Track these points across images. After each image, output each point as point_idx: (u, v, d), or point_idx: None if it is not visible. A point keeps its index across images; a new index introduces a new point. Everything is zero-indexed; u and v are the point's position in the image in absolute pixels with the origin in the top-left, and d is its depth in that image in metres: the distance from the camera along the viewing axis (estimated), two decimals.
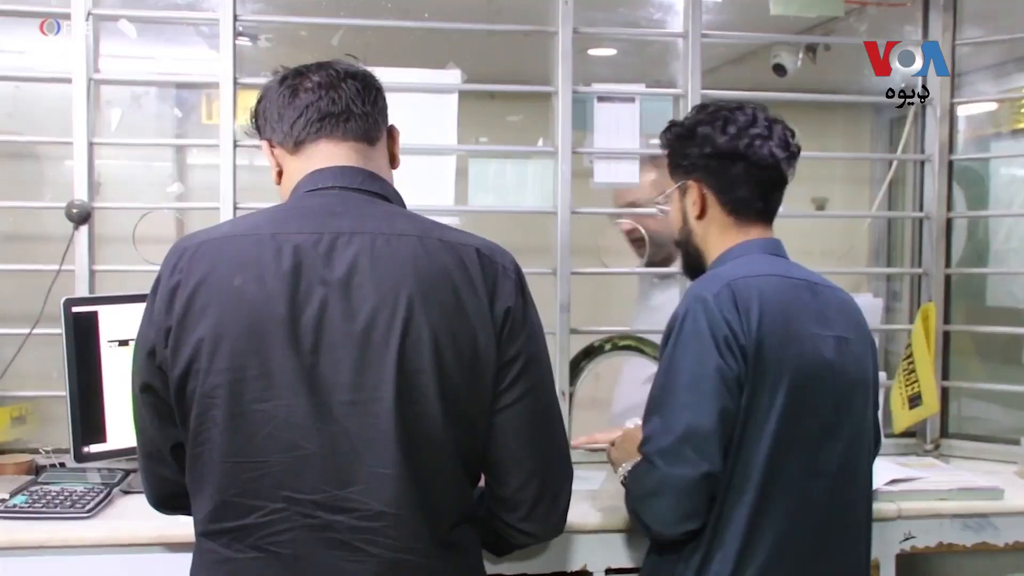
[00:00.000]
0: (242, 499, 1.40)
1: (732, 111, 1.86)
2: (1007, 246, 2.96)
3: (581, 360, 2.67)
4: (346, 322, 1.38)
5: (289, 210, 1.48)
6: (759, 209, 1.87)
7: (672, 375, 1.69)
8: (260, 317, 1.37)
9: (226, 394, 1.37)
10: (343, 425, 1.38)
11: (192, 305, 1.39)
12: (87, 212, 2.37)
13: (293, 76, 1.55)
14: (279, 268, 1.38)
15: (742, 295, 1.70)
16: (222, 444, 1.39)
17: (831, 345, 1.75)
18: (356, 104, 1.53)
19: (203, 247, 1.43)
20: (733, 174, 1.84)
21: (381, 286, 1.39)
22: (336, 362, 1.37)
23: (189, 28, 2.71)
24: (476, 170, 2.57)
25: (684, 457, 1.64)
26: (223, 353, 1.37)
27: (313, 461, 1.38)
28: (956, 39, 2.73)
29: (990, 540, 2.23)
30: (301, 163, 1.53)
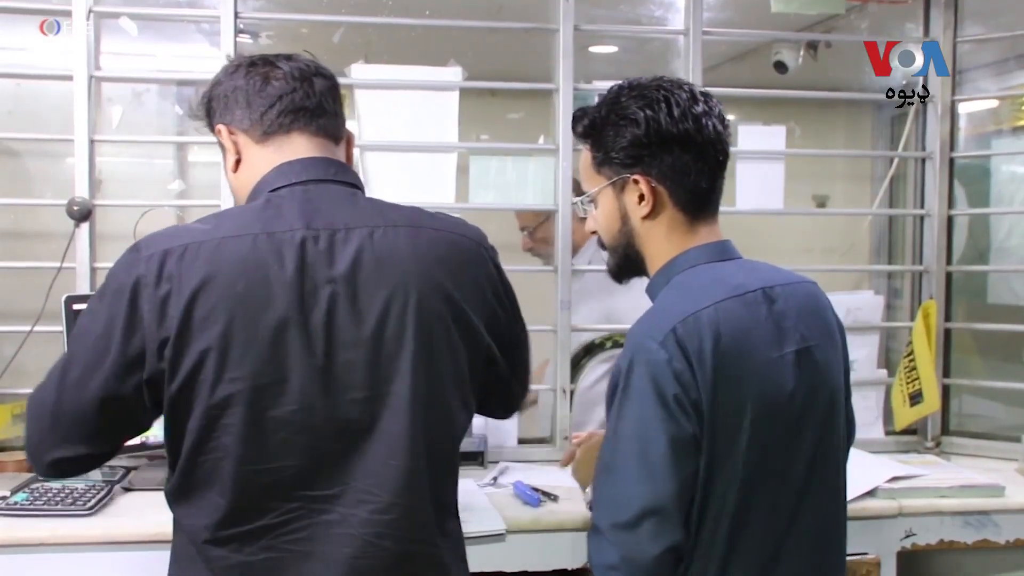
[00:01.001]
0: (256, 503, 1.37)
1: (669, 89, 1.58)
2: (1008, 243, 2.96)
3: (582, 357, 2.67)
4: (356, 320, 1.36)
5: (273, 208, 1.41)
6: (710, 200, 1.61)
7: (620, 442, 1.47)
8: (270, 322, 1.33)
9: (240, 403, 1.33)
10: (359, 422, 1.37)
11: (192, 314, 1.32)
12: (88, 209, 2.37)
13: (262, 64, 1.49)
14: (283, 270, 1.34)
15: (692, 340, 1.45)
16: (237, 452, 1.35)
17: (790, 365, 1.53)
18: (327, 101, 1.50)
19: (192, 250, 1.35)
20: (685, 163, 1.56)
21: (387, 280, 1.38)
22: (350, 361, 1.36)
23: (190, 25, 2.71)
24: (477, 167, 2.57)
25: (642, 534, 1.46)
26: (233, 362, 1.32)
27: (329, 460, 1.37)
28: (957, 36, 2.72)
29: (991, 537, 2.23)
30: (268, 153, 1.47)
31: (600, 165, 1.62)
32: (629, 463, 1.46)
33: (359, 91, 2.50)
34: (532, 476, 2.33)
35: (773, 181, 2.67)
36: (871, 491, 2.21)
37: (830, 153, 3.41)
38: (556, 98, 2.54)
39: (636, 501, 1.45)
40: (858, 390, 2.71)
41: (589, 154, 1.64)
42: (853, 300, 2.77)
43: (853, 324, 2.73)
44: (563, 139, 2.52)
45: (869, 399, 2.74)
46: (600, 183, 1.62)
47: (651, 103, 1.56)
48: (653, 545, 1.46)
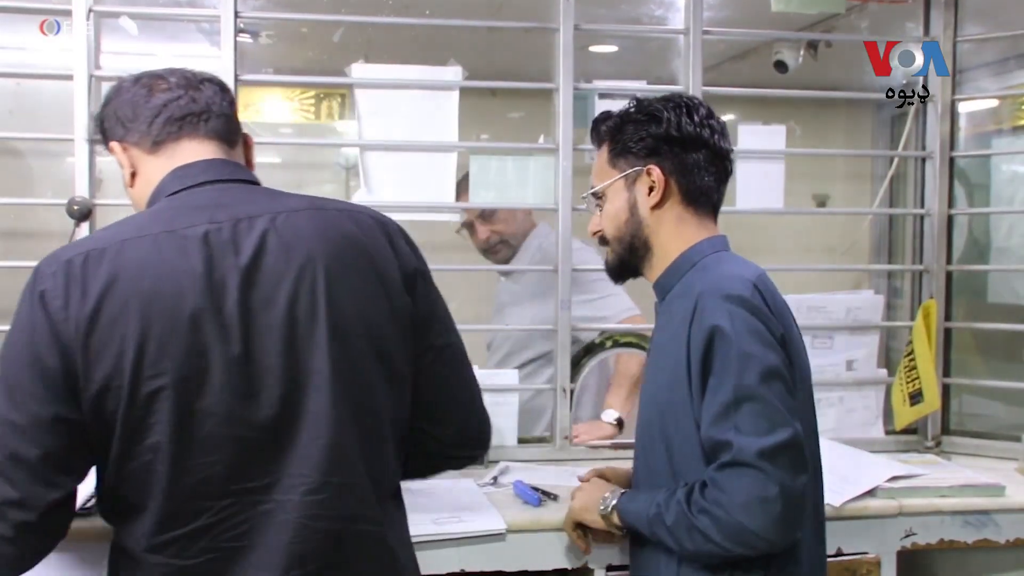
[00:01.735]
0: (189, 503, 1.35)
1: (691, 99, 1.77)
2: (1008, 243, 2.97)
3: (582, 357, 2.67)
4: (268, 304, 1.36)
5: (172, 209, 1.42)
6: (714, 202, 1.76)
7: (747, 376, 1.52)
8: (183, 316, 1.33)
9: (163, 400, 1.32)
10: (284, 407, 1.36)
11: (101, 317, 1.31)
12: (88, 209, 2.37)
13: (147, 77, 1.52)
14: (188, 263, 1.34)
15: (767, 295, 1.61)
16: (165, 452, 1.33)
17: (800, 339, 1.71)
18: (215, 104, 1.51)
19: (94, 256, 1.35)
20: (696, 161, 1.72)
21: (294, 262, 1.38)
22: (267, 346, 1.35)
23: (190, 25, 2.71)
24: (477, 167, 2.57)
25: (791, 462, 1.51)
26: (150, 360, 1.31)
27: (258, 448, 1.36)
28: (957, 36, 2.72)
29: (991, 537, 2.23)
30: (161, 162, 1.48)
31: (616, 157, 1.76)
32: (766, 397, 1.51)
33: (359, 90, 2.50)
34: (532, 476, 2.33)
35: (773, 180, 2.67)
36: (871, 490, 2.20)
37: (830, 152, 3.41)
38: (556, 97, 2.54)
39: (781, 429, 1.50)
40: (858, 389, 2.72)
41: (607, 149, 1.78)
42: (853, 299, 2.77)
43: (853, 323, 2.73)
44: (563, 138, 2.51)
45: (869, 398, 2.74)
46: (613, 176, 1.75)
47: (674, 105, 1.73)
48: (799, 474, 1.52)
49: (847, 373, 2.71)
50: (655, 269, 1.76)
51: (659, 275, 1.76)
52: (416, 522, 1.98)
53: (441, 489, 2.24)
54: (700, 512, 1.54)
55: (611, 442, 2.63)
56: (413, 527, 1.97)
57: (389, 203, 2.50)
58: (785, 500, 1.48)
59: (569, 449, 2.55)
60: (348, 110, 3.90)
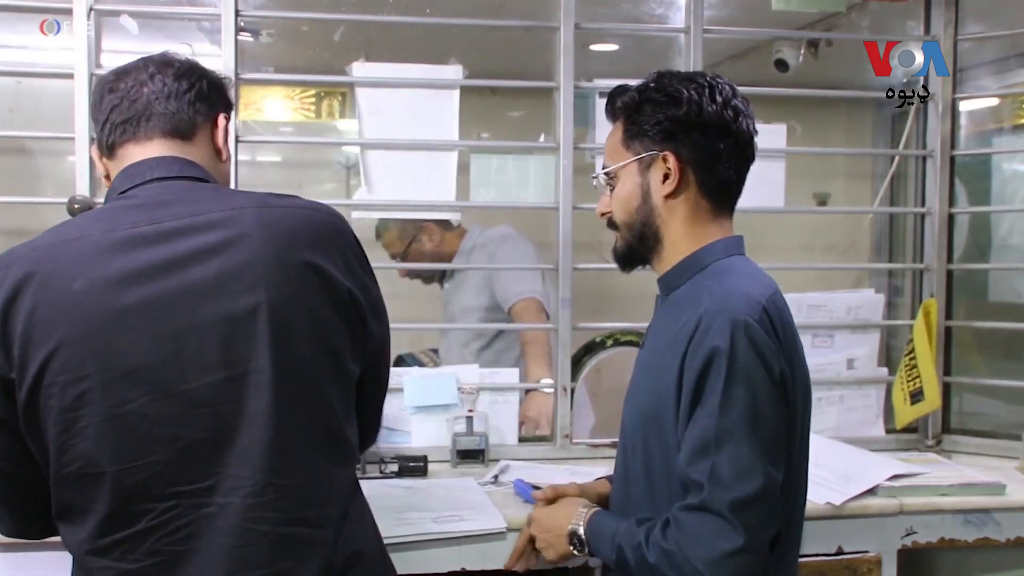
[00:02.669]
0: (130, 506, 1.33)
1: (714, 78, 1.63)
2: (1009, 241, 2.96)
3: (583, 356, 2.67)
4: (206, 302, 1.34)
5: (115, 209, 1.42)
6: (733, 195, 1.65)
7: (732, 414, 1.44)
8: (111, 317, 1.32)
9: (92, 402, 1.31)
10: (221, 405, 1.34)
11: (32, 319, 1.32)
12: (89, 207, 2.36)
13: (110, 78, 1.52)
14: (121, 264, 1.34)
15: (776, 320, 1.51)
16: (100, 453, 1.32)
17: (803, 357, 1.61)
18: (159, 103, 1.48)
19: (28, 258, 1.36)
20: (717, 151, 1.59)
21: (234, 259, 1.36)
22: (202, 344, 1.33)
23: (191, 24, 2.71)
24: (478, 166, 2.57)
25: (762, 514, 1.45)
26: (78, 361, 1.31)
27: (197, 449, 1.34)
28: (958, 34, 2.72)
29: (992, 536, 2.23)
30: (115, 167, 1.50)
31: (631, 139, 1.62)
32: (748, 438, 1.44)
33: (360, 89, 2.50)
34: (532, 474, 2.33)
35: (774, 179, 2.67)
36: (872, 489, 2.20)
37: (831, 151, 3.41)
38: (557, 96, 2.54)
39: (755, 476, 1.43)
40: (859, 388, 2.72)
41: (621, 128, 1.65)
42: (854, 298, 2.77)
43: (854, 322, 2.73)
44: (564, 137, 2.51)
45: (870, 397, 2.74)
46: (627, 158, 1.63)
47: (696, 86, 1.59)
48: (770, 528, 1.47)
49: (847, 372, 2.71)
50: (663, 262, 1.65)
51: (666, 270, 1.65)
52: (416, 521, 1.99)
53: (442, 488, 2.24)
54: (661, 554, 1.48)
55: (611, 440, 2.63)
56: (413, 526, 1.97)
57: (389, 202, 2.50)
58: (748, 555, 1.43)
59: (569, 448, 2.55)
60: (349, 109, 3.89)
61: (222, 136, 1.56)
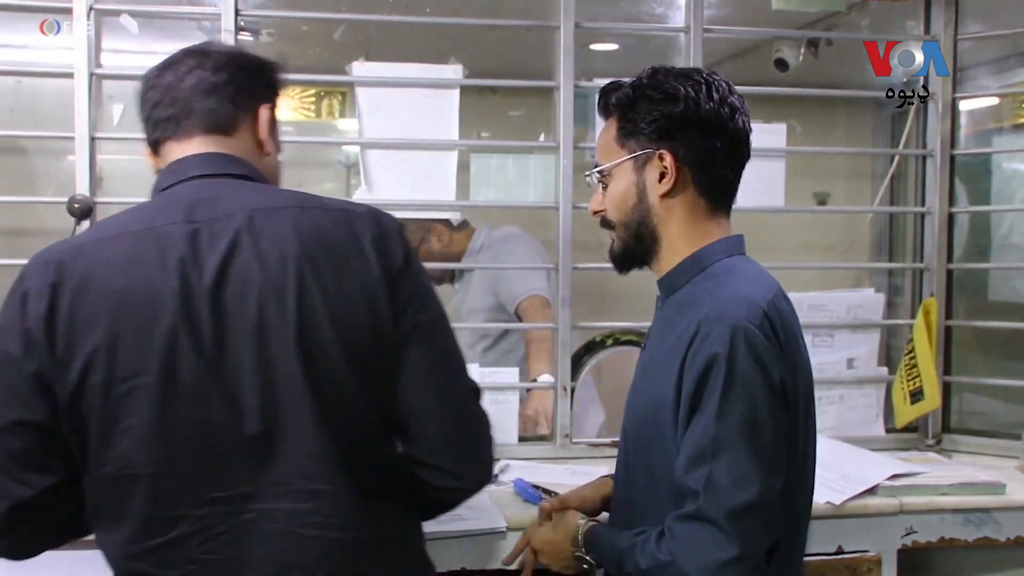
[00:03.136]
0: (167, 511, 1.32)
1: (710, 75, 1.59)
2: (1009, 241, 2.96)
3: (583, 355, 2.67)
4: (239, 309, 1.32)
5: (155, 205, 1.41)
6: (730, 193, 1.62)
7: (728, 428, 1.41)
8: (155, 319, 1.29)
9: (134, 405, 1.29)
10: (261, 412, 1.32)
11: (75, 318, 1.30)
12: (89, 207, 2.37)
13: (152, 73, 1.49)
14: (163, 263, 1.31)
15: (777, 324, 1.47)
16: (138, 456, 1.31)
17: (806, 357, 1.58)
18: (198, 99, 1.45)
19: (69, 256, 1.35)
20: (714, 149, 1.56)
21: (267, 263, 1.33)
22: (240, 350, 1.31)
23: (191, 23, 2.70)
24: (478, 165, 2.58)
25: (758, 524, 1.42)
26: (122, 362, 1.29)
27: (236, 456, 1.32)
28: (958, 34, 2.72)
29: (992, 535, 2.23)
30: (161, 162, 1.48)
31: (626, 137, 1.59)
32: (744, 447, 1.40)
33: (360, 89, 2.50)
34: (533, 474, 2.33)
35: (774, 179, 2.67)
36: (872, 488, 2.20)
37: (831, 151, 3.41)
38: (557, 95, 2.54)
39: (752, 486, 1.40)
40: (859, 387, 2.72)
41: (615, 125, 1.61)
42: (854, 297, 2.77)
43: (854, 321, 2.73)
44: (564, 137, 2.51)
45: (870, 396, 2.74)
46: (621, 156, 1.59)
47: (692, 83, 1.55)
48: (765, 539, 1.44)
49: (848, 371, 2.71)
50: (662, 263, 1.62)
51: (666, 271, 1.62)
52: None
53: None
54: (656, 564, 1.46)
55: (611, 440, 2.63)
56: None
57: (389, 201, 2.50)
58: (743, 565, 1.40)
59: (570, 447, 2.55)
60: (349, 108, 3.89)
61: (264, 129, 1.50)
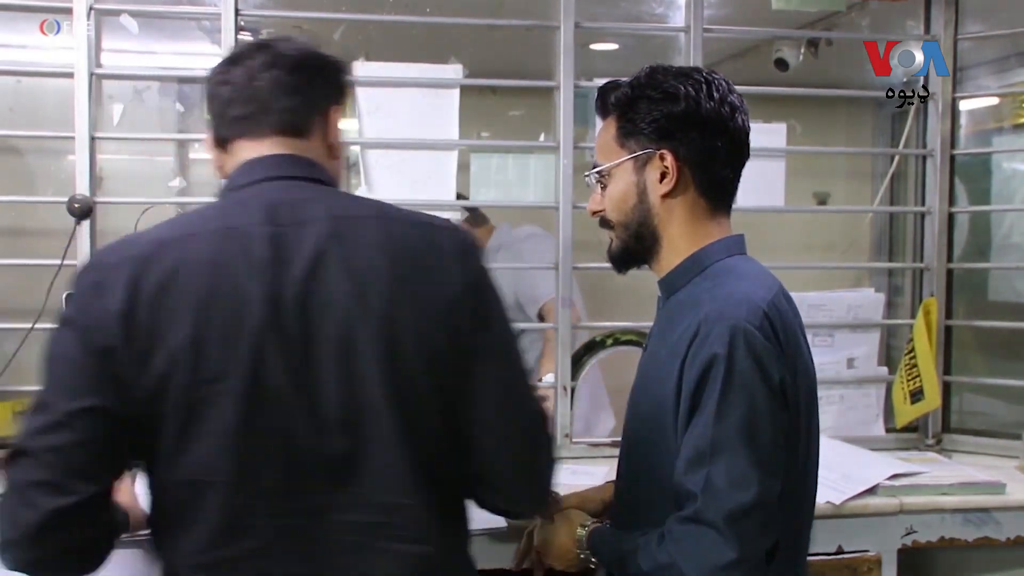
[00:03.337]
0: (241, 521, 1.29)
1: (709, 74, 1.58)
2: (1009, 241, 2.96)
3: (583, 355, 2.67)
4: (326, 316, 1.29)
5: (231, 204, 1.37)
6: (730, 193, 1.61)
7: (727, 429, 1.40)
8: (240, 320, 1.26)
9: (217, 408, 1.26)
10: (341, 425, 1.30)
11: (158, 313, 1.25)
12: (89, 207, 2.37)
13: (219, 67, 1.44)
14: (247, 264, 1.28)
15: (777, 324, 1.46)
16: (217, 463, 1.27)
17: (807, 356, 1.57)
18: (274, 99, 1.40)
19: (154, 249, 1.30)
20: (715, 149, 1.55)
21: (354, 274, 1.30)
22: (323, 360, 1.29)
23: (191, 23, 2.70)
24: (478, 165, 2.57)
25: (757, 526, 1.40)
26: (207, 362, 1.25)
27: (314, 468, 1.30)
28: (958, 34, 2.72)
29: (992, 535, 2.23)
30: (229, 161, 1.43)
31: (626, 137, 1.57)
32: (743, 449, 1.39)
33: (360, 88, 2.50)
34: None
35: (774, 178, 2.67)
36: (872, 488, 2.20)
37: (831, 151, 3.41)
38: (557, 95, 2.54)
39: (750, 487, 1.38)
40: (859, 387, 2.72)
41: (614, 125, 1.60)
42: (854, 297, 2.77)
43: (854, 321, 2.73)
44: (564, 136, 2.51)
45: (870, 396, 2.74)
46: (621, 156, 1.58)
47: (693, 82, 1.54)
48: (764, 541, 1.43)
49: (848, 371, 2.71)
50: (662, 263, 1.61)
51: (666, 272, 1.61)
52: None
53: None
54: (656, 566, 1.45)
55: (611, 439, 2.63)
56: None
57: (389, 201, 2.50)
58: (742, 568, 1.39)
59: (570, 447, 2.55)
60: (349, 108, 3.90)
61: (335, 132, 1.48)
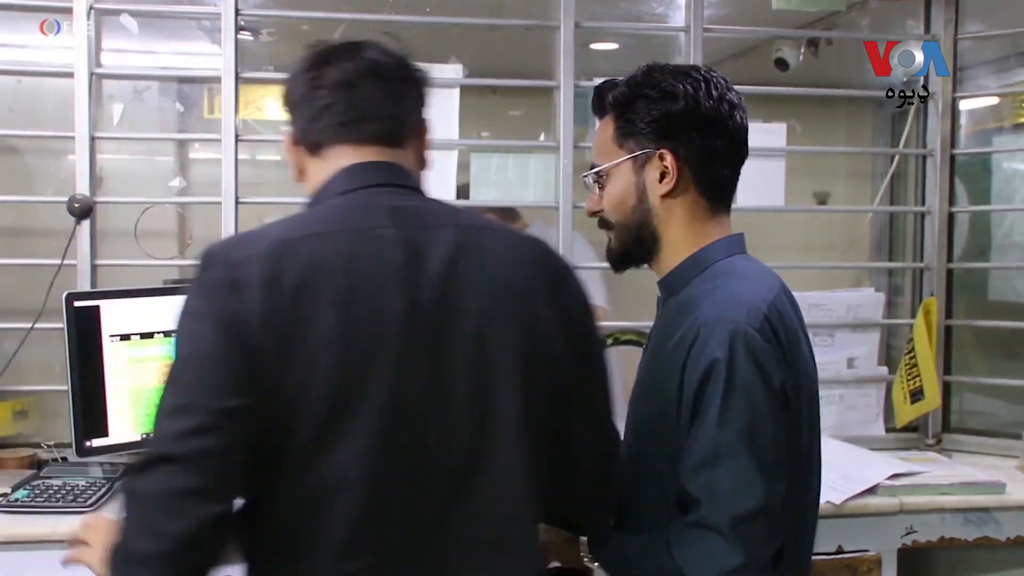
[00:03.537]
0: (366, 535, 1.23)
1: (707, 72, 1.55)
2: (1009, 241, 2.96)
3: None
4: (462, 320, 1.26)
5: (349, 209, 1.30)
6: (730, 191, 1.59)
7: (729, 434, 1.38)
8: (380, 324, 1.21)
9: (357, 415, 1.20)
10: (470, 438, 1.26)
11: (297, 313, 1.19)
12: (89, 206, 2.37)
13: (314, 66, 1.38)
14: (381, 266, 1.23)
15: (778, 327, 1.44)
16: (352, 472, 1.20)
17: (808, 355, 1.55)
18: (377, 107, 1.36)
19: (284, 248, 1.22)
20: (714, 148, 1.53)
21: (487, 282, 1.28)
22: (456, 371, 1.25)
23: (191, 23, 2.70)
24: (478, 165, 2.57)
25: (762, 530, 1.38)
26: (350, 367, 1.20)
27: (439, 481, 1.25)
28: (958, 33, 2.72)
29: (992, 535, 2.23)
30: (321, 166, 1.36)
31: (624, 137, 1.55)
32: (740, 456, 1.37)
33: None
34: None
35: (774, 178, 2.67)
36: (872, 488, 2.20)
37: (831, 150, 3.40)
38: (557, 95, 2.54)
39: (756, 491, 1.36)
40: (859, 387, 2.72)
41: (612, 125, 1.57)
42: (854, 297, 2.77)
43: (854, 321, 2.73)
44: (564, 136, 2.51)
45: (870, 396, 2.74)
46: (619, 156, 1.55)
47: (691, 80, 1.52)
48: (771, 545, 1.40)
49: (848, 371, 2.71)
50: (662, 264, 1.58)
51: (666, 272, 1.59)
52: None
53: None
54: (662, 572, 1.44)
55: None
56: None
57: None
58: (748, 573, 1.36)
59: None
60: None
61: (426, 143, 1.45)
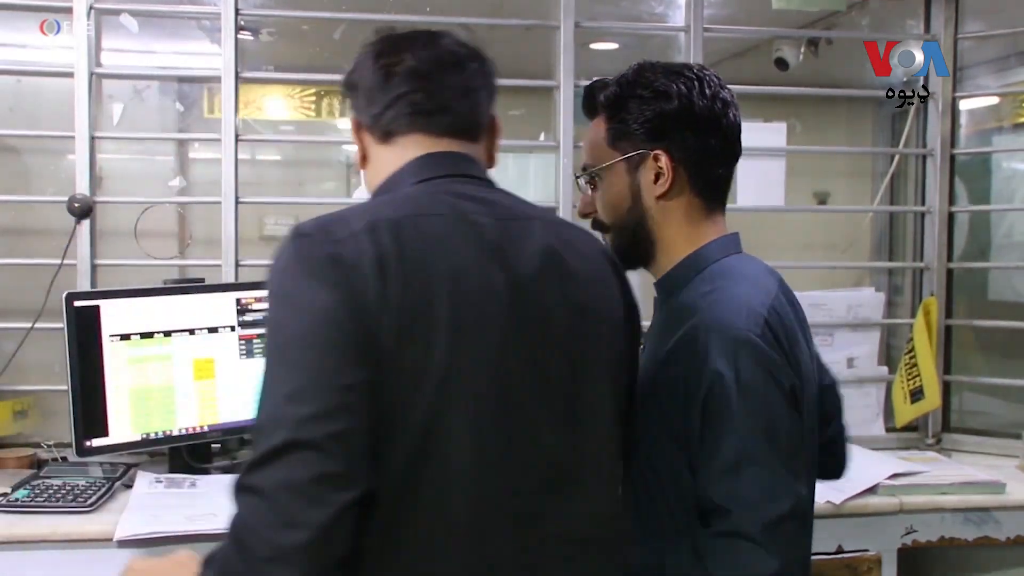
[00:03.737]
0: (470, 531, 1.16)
1: (700, 70, 1.53)
2: (1009, 240, 2.96)
3: None
4: (559, 311, 1.23)
5: (434, 196, 1.25)
6: (725, 191, 1.56)
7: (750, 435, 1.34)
8: (486, 310, 1.17)
9: (469, 405, 1.14)
10: (565, 431, 1.23)
11: (409, 294, 1.12)
12: (89, 206, 2.37)
13: (389, 53, 1.33)
14: (482, 251, 1.19)
15: (778, 329, 1.41)
16: (458, 465, 1.14)
17: (808, 355, 1.54)
18: (456, 100, 1.33)
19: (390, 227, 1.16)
20: (708, 148, 1.50)
21: (579, 274, 1.26)
22: (555, 355, 1.22)
23: (191, 22, 2.71)
24: None
25: (794, 533, 1.35)
26: (462, 354, 1.14)
27: (537, 473, 1.20)
28: (958, 33, 2.73)
29: (992, 534, 2.23)
30: (392, 154, 1.32)
31: (617, 138, 1.52)
32: (764, 461, 1.33)
33: None
34: None
35: (774, 178, 2.67)
36: (872, 488, 2.21)
37: (831, 150, 3.40)
38: (557, 95, 2.54)
39: (787, 495, 1.33)
40: (859, 387, 2.72)
41: (604, 126, 1.54)
42: (854, 297, 2.77)
43: (854, 320, 2.73)
44: (564, 136, 2.51)
45: (870, 396, 2.74)
46: (613, 157, 1.52)
47: (684, 80, 1.49)
48: (799, 549, 1.39)
49: (848, 370, 2.71)
50: (659, 265, 1.56)
51: (662, 273, 1.56)
52: None
53: None
54: None
55: None
56: None
57: None
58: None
59: None
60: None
61: (497, 140, 1.42)
